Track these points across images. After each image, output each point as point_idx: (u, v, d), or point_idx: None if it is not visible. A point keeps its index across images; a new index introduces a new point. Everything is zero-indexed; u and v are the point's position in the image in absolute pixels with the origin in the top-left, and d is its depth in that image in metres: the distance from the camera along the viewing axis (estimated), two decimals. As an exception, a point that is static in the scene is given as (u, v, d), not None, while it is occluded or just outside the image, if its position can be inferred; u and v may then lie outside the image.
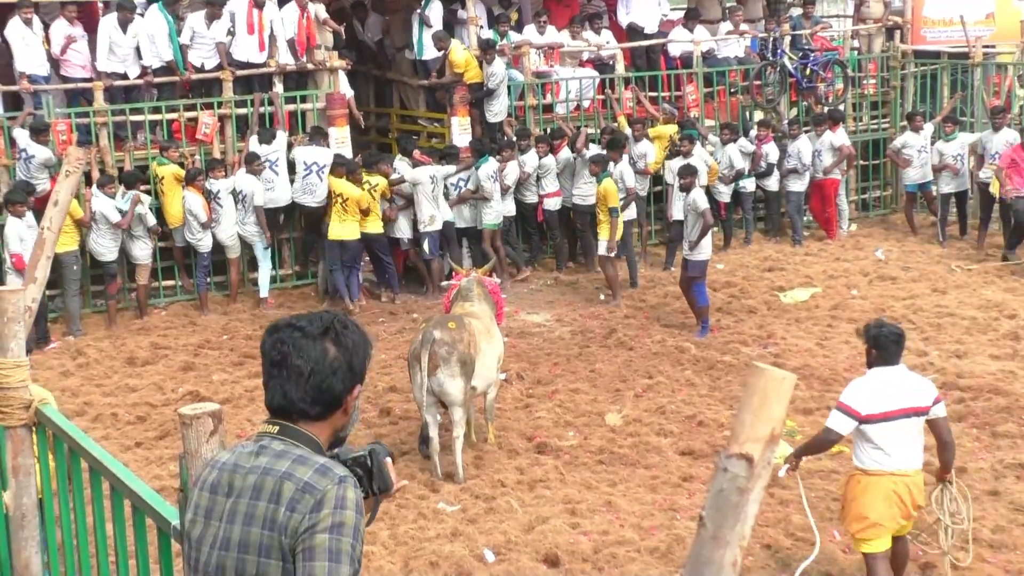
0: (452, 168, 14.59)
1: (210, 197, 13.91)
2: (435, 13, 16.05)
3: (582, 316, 13.58)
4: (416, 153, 14.61)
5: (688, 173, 12.86)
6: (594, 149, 14.97)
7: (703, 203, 12.46)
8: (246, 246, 14.30)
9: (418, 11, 16.13)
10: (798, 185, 16.42)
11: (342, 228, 13.92)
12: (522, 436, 9.98)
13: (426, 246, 14.36)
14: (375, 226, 14.23)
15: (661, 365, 11.65)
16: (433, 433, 9.18)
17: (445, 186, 14.64)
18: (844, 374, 11.17)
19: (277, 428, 3.06)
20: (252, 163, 13.94)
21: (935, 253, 15.79)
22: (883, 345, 6.81)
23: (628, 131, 15.58)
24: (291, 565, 2.86)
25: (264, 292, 14.29)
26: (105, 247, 13.33)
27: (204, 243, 13.95)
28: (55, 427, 4.25)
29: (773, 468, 6.76)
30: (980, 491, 8.58)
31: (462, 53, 15.47)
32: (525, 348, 12.43)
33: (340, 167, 14.00)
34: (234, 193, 13.97)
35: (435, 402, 9.16)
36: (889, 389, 6.73)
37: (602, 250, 13.89)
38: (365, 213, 13.96)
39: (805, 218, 16.91)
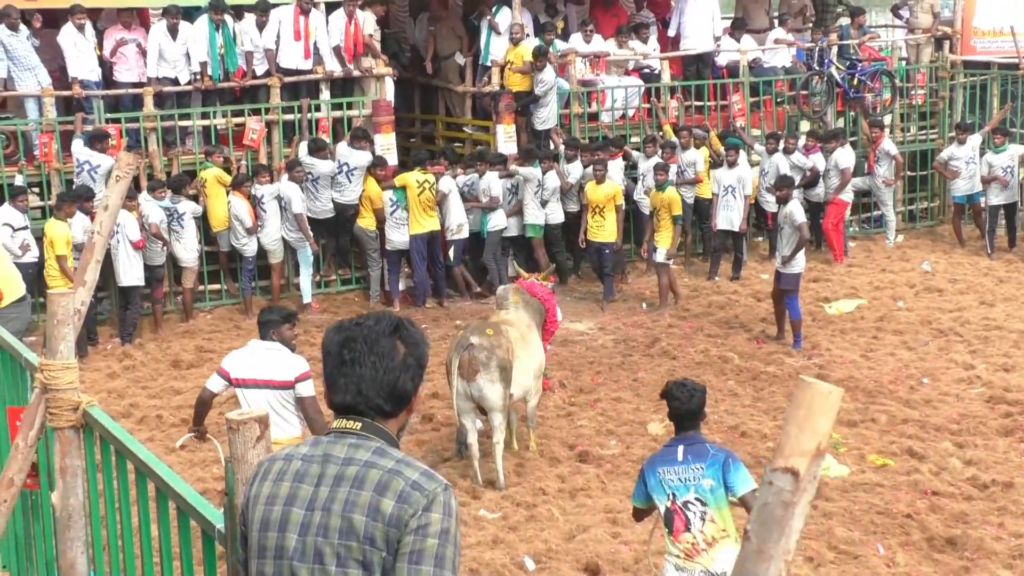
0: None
1: (255, 202, 14.04)
2: (503, 19, 16.04)
3: (625, 325, 13.55)
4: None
5: (785, 184, 12.58)
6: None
7: (800, 216, 12.18)
8: (290, 251, 14.41)
9: (488, 17, 16.12)
10: (843, 195, 16.28)
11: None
12: (564, 444, 9.97)
13: (451, 253, 14.44)
14: (433, 224, 14.42)
15: (704, 375, 11.59)
16: (472, 439, 9.20)
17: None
18: (889, 386, 11.08)
19: (360, 424, 3.06)
20: (293, 169, 14.04)
21: (983, 265, 15.63)
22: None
23: (674, 139, 15.54)
24: (389, 556, 2.89)
25: (307, 298, 14.37)
26: (154, 251, 13.45)
27: (249, 248, 14.07)
28: (102, 429, 4.29)
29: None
30: (1027, 507, 8.49)
31: (527, 49, 15.46)
32: (568, 356, 12.41)
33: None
34: (278, 199, 14.08)
35: (473, 408, 9.18)
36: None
37: (660, 257, 13.84)
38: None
39: (850, 229, 16.76)
